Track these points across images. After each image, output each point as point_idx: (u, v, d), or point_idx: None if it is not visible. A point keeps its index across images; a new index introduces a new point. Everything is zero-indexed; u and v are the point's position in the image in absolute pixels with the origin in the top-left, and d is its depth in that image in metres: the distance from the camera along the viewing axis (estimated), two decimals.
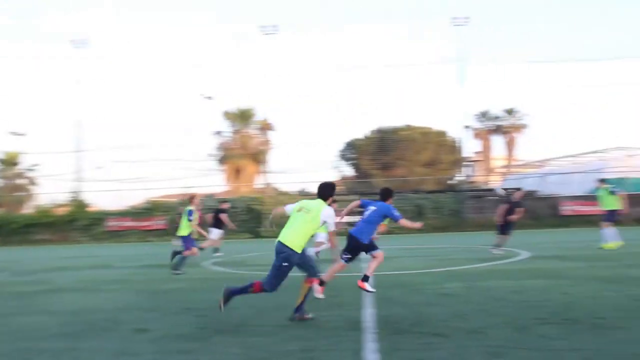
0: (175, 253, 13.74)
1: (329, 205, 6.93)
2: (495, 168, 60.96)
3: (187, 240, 13.49)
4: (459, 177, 53.02)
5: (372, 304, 7.59)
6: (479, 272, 11.24)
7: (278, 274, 6.65)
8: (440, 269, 11.93)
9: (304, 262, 6.73)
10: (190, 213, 13.54)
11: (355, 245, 7.86)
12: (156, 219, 37.04)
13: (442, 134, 59.61)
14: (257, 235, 35.52)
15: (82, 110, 43.17)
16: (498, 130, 59.99)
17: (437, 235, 30.75)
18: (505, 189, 32.65)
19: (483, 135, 59.91)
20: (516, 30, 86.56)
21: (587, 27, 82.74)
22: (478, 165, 64.69)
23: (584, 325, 5.90)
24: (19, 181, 51.49)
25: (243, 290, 6.80)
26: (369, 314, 6.87)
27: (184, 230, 13.60)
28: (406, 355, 5.00)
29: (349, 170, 63.39)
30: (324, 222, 6.72)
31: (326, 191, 7.04)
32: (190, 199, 14.22)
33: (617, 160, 41.50)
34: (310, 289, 6.72)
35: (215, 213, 19.22)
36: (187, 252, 13.25)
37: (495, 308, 7.08)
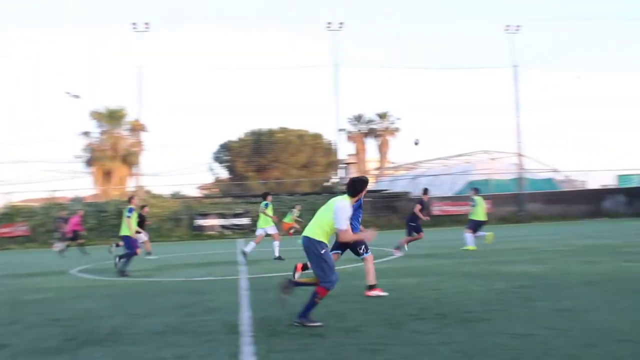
0: (120, 257, 13.24)
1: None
2: (369, 170, 62.71)
3: (130, 240, 13.20)
4: (335, 179, 54.03)
5: (247, 307, 7.52)
6: (353, 272, 11.44)
7: (322, 265, 6.22)
8: None
9: (319, 261, 6.27)
10: (130, 210, 13.36)
11: None
12: (17, 225, 34.71)
13: (317, 136, 60.56)
14: None
15: None
16: (371, 133, 61.79)
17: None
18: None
19: (357, 138, 61.44)
20: (389, 36, 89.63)
21: (456, 36, 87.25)
22: (353, 167, 66.26)
23: (453, 319, 6.16)
24: None
25: (312, 304, 6.24)
26: (245, 317, 6.79)
27: (125, 230, 13.27)
28: (283, 357, 4.97)
29: (223, 173, 62.84)
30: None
31: (355, 186, 6.54)
32: (130, 199, 14.15)
33: (482, 162, 44.15)
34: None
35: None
36: (137, 251, 13.30)
37: (370, 306, 7.24)
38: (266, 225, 15.62)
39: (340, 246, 8.06)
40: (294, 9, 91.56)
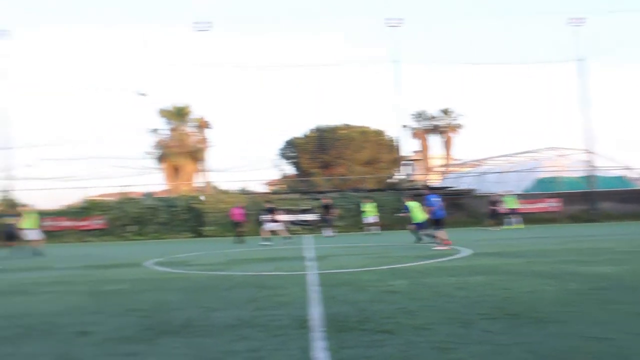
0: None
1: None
2: (434, 167, 62.10)
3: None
4: (399, 175, 53.72)
5: (317, 302, 7.61)
6: (422, 269, 11.42)
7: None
8: (384, 267, 12.07)
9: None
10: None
11: None
12: (94, 219, 36.11)
13: (380, 133, 60.34)
14: (198, 234, 35.12)
15: (9, 106, 41.51)
16: (435, 129, 61.16)
17: (377, 232, 31.04)
18: None
19: (420, 134, 60.95)
20: (450, 31, 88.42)
21: (519, 30, 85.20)
22: (417, 164, 65.73)
23: (525, 320, 6.07)
24: None
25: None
26: (314, 312, 6.88)
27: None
28: (354, 353, 5.02)
29: (289, 169, 63.44)
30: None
31: None
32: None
33: (549, 159, 42.97)
34: None
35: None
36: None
37: (440, 304, 7.20)
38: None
39: None
40: (354, 5, 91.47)
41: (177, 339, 5.77)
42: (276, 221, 24.08)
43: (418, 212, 19.13)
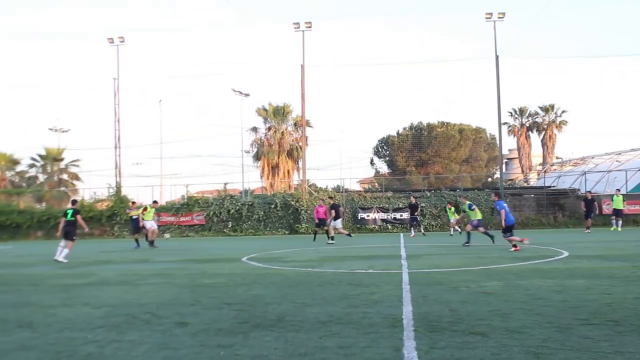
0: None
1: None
2: (534, 166, 60.00)
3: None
4: (497, 174, 52.32)
5: (409, 301, 7.57)
6: (517, 270, 11.10)
7: None
8: (478, 267, 11.83)
9: None
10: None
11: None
12: (195, 215, 37.48)
13: (479, 130, 59.05)
14: (294, 231, 35.72)
15: (121, 107, 43.69)
16: (536, 127, 59.05)
17: (473, 233, 30.38)
18: None
19: (521, 132, 59.04)
20: (552, 25, 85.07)
21: (627, 21, 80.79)
22: (516, 162, 63.76)
23: (629, 327, 5.77)
24: (61, 177, 52.64)
25: None
26: (406, 311, 6.84)
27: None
28: (445, 354, 4.95)
29: (384, 167, 63.27)
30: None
31: None
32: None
33: None
34: None
35: None
36: None
37: (536, 307, 6.97)
38: None
39: None
40: (453, 1, 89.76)
41: (270, 333, 5.91)
42: (338, 218, 23.91)
43: (476, 212, 19.34)
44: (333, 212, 23.44)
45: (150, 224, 23.95)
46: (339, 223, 23.65)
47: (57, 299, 8.96)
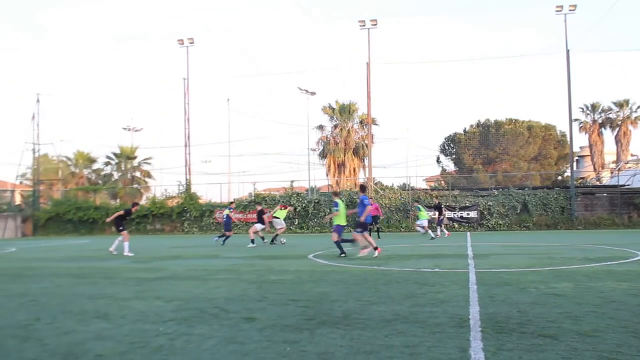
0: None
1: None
2: (607, 163, 57.97)
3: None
4: (567, 172, 50.80)
5: (476, 301, 7.47)
6: (589, 272, 10.78)
7: None
8: (548, 268, 11.55)
9: None
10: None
11: None
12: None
13: (548, 127, 57.45)
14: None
15: (190, 106, 44.76)
16: (609, 123, 57.02)
17: (543, 232, 29.68)
18: None
19: (593, 128, 57.15)
20: (627, 16, 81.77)
21: None
22: (588, 160, 61.76)
23: None
24: (134, 174, 54.46)
25: None
26: (473, 311, 6.76)
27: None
28: (513, 356, 4.86)
29: (450, 165, 62.43)
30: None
31: None
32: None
33: None
34: None
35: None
36: None
37: (609, 311, 6.76)
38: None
39: None
40: None
41: (336, 330, 5.95)
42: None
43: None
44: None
45: (280, 222, 24.47)
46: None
47: (130, 292, 9.30)
